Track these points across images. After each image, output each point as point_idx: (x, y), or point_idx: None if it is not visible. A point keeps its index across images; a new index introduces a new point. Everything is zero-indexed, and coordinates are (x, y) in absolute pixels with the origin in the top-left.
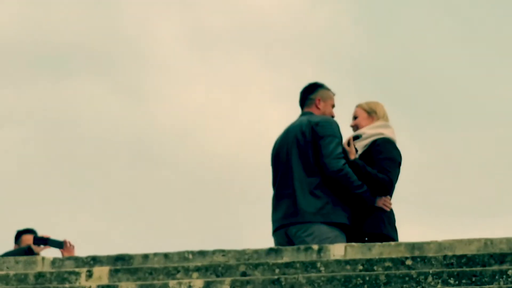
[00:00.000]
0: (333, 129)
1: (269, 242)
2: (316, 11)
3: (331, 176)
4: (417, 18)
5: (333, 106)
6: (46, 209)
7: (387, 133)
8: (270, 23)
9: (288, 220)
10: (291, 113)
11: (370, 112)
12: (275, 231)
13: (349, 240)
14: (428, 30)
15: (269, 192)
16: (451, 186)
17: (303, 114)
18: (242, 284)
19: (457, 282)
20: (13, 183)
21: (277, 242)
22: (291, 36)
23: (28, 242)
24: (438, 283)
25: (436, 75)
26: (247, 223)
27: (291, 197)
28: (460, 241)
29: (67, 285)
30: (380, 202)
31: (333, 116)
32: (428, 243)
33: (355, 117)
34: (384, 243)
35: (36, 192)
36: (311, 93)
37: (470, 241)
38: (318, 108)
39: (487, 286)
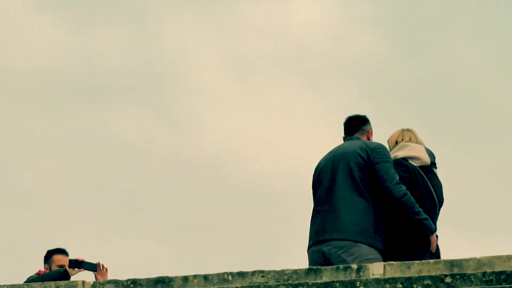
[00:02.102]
0: (389, 156)
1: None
2: (355, 37)
3: (394, 201)
4: (457, 41)
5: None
6: (91, 233)
7: (400, 154)
8: (309, 49)
9: (329, 235)
10: (331, 139)
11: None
12: (311, 246)
13: None
14: (468, 54)
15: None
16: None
17: (352, 138)
18: None
19: None
20: (55, 206)
21: (311, 259)
22: (330, 61)
23: (59, 263)
24: None
25: (476, 99)
26: (284, 245)
27: (334, 213)
28: (499, 258)
29: None
30: (434, 238)
31: None
32: (467, 260)
33: None
34: (423, 261)
35: (82, 216)
36: (364, 124)
37: (509, 257)
38: (369, 139)
39: None
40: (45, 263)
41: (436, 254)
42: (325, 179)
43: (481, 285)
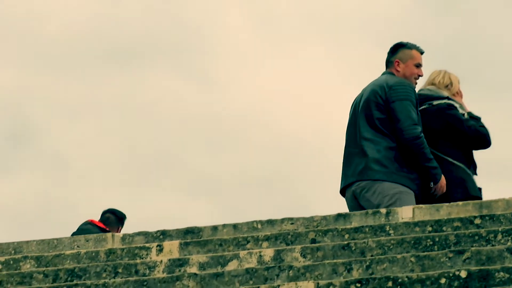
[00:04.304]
0: (408, 93)
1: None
2: None
3: (405, 143)
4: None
5: (418, 65)
6: (124, 191)
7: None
8: (336, 7)
9: (354, 177)
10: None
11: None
12: (343, 190)
13: None
14: (494, 6)
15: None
16: None
17: (383, 74)
18: (312, 251)
19: None
20: (93, 170)
21: (348, 205)
22: (357, 19)
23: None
24: (508, 240)
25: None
26: (315, 193)
27: (359, 156)
28: None
29: (138, 260)
30: (442, 184)
31: (420, 75)
32: (495, 201)
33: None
34: (451, 203)
35: (113, 177)
36: (392, 54)
37: None
38: (397, 70)
39: None
40: (121, 224)
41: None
42: (351, 120)
43: (510, 225)
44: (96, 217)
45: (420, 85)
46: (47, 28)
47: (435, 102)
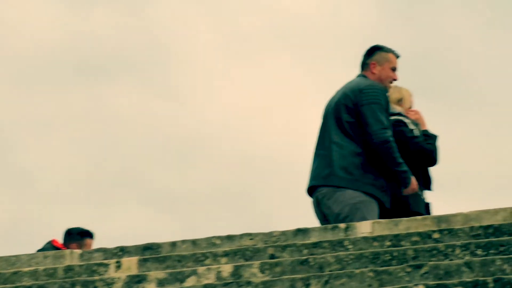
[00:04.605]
0: (378, 96)
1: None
2: (345, 7)
3: (374, 147)
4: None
5: (393, 69)
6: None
7: None
8: (303, 20)
9: (319, 181)
10: (322, 107)
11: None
12: (309, 190)
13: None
14: (451, 15)
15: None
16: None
17: (357, 76)
18: (271, 266)
19: (485, 253)
20: (59, 186)
21: (313, 207)
22: (325, 32)
23: (89, 248)
24: (466, 254)
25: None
26: (275, 209)
27: (325, 159)
28: (487, 212)
29: (96, 277)
30: (413, 187)
31: (394, 79)
32: (454, 215)
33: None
34: (411, 217)
35: (78, 193)
36: (368, 57)
37: (496, 211)
38: (373, 73)
39: None
40: (74, 241)
41: (428, 213)
42: (322, 122)
43: (469, 240)
44: (60, 235)
45: None
46: (14, 42)
47: None
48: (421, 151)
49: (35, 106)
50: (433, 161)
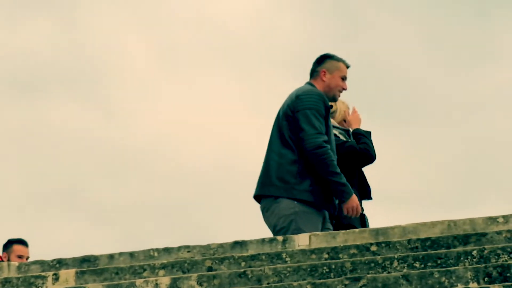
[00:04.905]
0: (314, 102)
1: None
2: (282, 19)
3: (306, 154)
4: (382, 23)
5: (343, 78)
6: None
7: None
8: (237, 34)
9: (258, 190)
10: (267, 124)
11: None
12: (256, 200)
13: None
14: (393, 35)
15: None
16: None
17: (305, 84)
18: (208, 279)
19: (422, 266)
20: None
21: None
22: (259, 46)
23: (18, 253)
24: (404, 267)
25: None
26: (212, 221)
27: (265, 168)
28: (424, 224)
29: None
30: (353, 204)
31: (344, 89)
32: (392, 228)
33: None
34: (348, 230)
35: (14, 209)
36: (318, 64)
37: (433, 224)
38: (323, 80)
39: (453, 267)
40: (3, 251)
41: (364, 224)
42: (271, 130)
43: (406, 252)
44: None
45: None
46: None
47: None
48: (352, 152)
49: None
50: (369, 158)
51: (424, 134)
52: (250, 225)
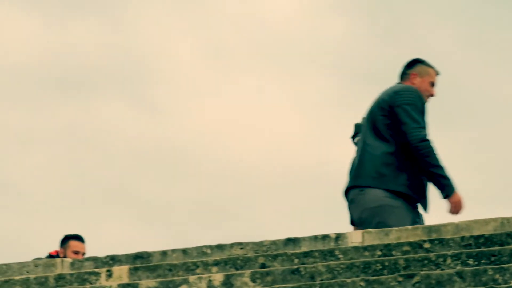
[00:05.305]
0: (413, 98)
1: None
2: (331, 22)
3: (411, 147)
4: (425, 23)
5: (432, 84)
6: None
7: None
8: (286, 36)
9: (351, 182)
10: (311, 124)
11: None
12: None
13: None
14: (437, 34)
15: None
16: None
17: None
18: (261, 275)
19: (476, 263)
20: (44, 200)
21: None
22: (307, 47)
23: (74, 248)
24: (457, 264)
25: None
26: (264, 218)
27: (358, 160)
28: (477, 222)
29: (87, 285)
30: (456, 200)
31: (432, 95)
32: (445, 225)
33: None
34: (401, 227)
35: (64, 207)
36: (409, 68)
37: (486, 221)
38: (413, 83)
39: (506, 265)
40: (61, 246)
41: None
42: (362, 126)
43: (459, 249)
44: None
45: None
46: None
47: None
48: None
49: (16, 122)
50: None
51: (480, 133)
52: (302, 221)
